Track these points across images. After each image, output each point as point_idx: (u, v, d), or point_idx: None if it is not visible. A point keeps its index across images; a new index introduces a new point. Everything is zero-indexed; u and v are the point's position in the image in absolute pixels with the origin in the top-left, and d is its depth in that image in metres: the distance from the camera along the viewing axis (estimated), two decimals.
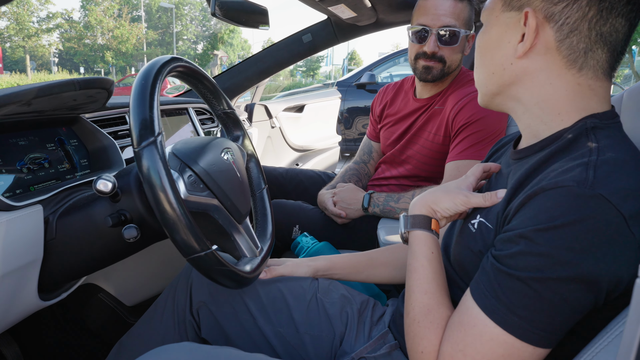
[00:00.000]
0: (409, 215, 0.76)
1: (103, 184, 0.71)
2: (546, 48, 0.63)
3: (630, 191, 0.54)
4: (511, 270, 0.56)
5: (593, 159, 0.57)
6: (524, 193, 0.59)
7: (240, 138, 1.02)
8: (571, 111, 0.65)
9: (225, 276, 0.73)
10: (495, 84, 0.70)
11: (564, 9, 0.61)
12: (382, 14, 1.74)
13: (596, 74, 0.63)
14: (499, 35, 0.68)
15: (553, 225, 0.53)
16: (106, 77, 0.92)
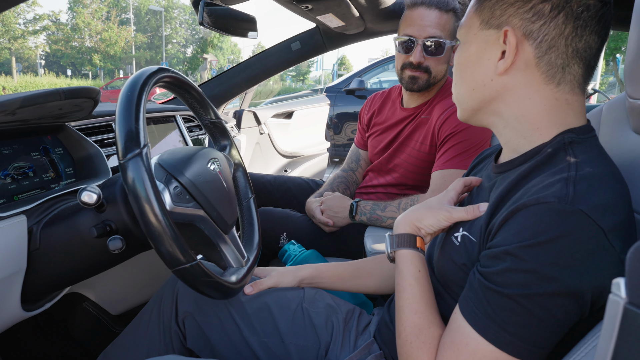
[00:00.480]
0: (393, 235, 0.77)
1: (87, 196, 0.71)
2: (526, 64, 0.65)
3: (608, 206, 0.56)
4: (499, 288, 0.57)
5: (572, 174, 0.58)
6: (506, 208, 0.61)
7: (228, 147, 1.02)
8: (550, 125, 0.66)
9: (211, 287, 0.73)
10: (476, 100, 0.71)
11: (541, 27, 0.63)
12: (369, 24, 1.76)
13: (572, 89, 0.65)
14: (478, 52, 0.69)
15: (537, 242, 0.54)
16: (92, 86, 0.92)
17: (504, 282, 0.57)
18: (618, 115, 0.86)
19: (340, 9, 1.47)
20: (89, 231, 0.77)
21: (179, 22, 50.85)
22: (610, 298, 0.39)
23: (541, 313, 0.55)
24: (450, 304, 0.73)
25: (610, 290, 0.39)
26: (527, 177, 0.64)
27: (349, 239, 1.47)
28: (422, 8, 1.35)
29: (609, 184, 0.59)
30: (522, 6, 0.64)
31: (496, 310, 0.57)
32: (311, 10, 1.45)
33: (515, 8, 0.64)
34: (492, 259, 0.59)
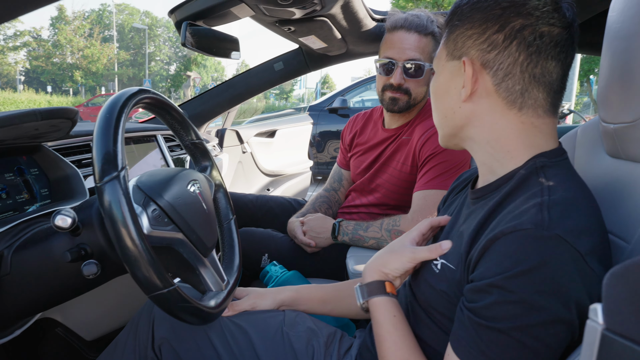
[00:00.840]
0: (363, 285, 0.78)
1: (62, 219, 0.69)
2: (486, 92, 0.68)
3: (583, 229, 0.57)
4: (490, 323, 0.57)
5: (545, 199, 0.59)
6: (484, 236, 0.61)
7: (209, 168, 1.01)
8: (520, 149, 0.68)
9: (189, 313, 0.71)
10: (449, 126, 0.74)
11: (496, 56, 0.66)
12: (351, 45, 1.79)
13: (536, 112, 0.67)
14: (446, 81, 0.72)
15: (520, 271, 0.55)
16: (70, 107, 0.91)
17: (493, 317, 0.56)
18: (592, 138, 0.88)
19: (323, 31, 1.49)
20: (62, 255, 0.74)
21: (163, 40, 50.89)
22: (588, 324, 0.39)
23: (535, 344, 0.55)
24: (432, 329, 0.72)
25: (588, 317, 0.39)
26: (503, 204, 0.65)
27: (331, 260, 1.46)
28: (402, 31, 1.38)
29: (582, 207, 0.60)
30: (478, 38, 0.67)
31: (490, 346, 0.57)
32: (294, 32, 1.47)
33: (473, 40, 0.67)
34: (477, 293, 0.59)
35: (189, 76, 30.29)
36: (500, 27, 0.65)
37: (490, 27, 0.66)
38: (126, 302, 1.30)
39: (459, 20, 0.70)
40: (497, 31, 0.65)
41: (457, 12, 0.70)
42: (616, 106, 0.72)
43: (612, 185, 0.76)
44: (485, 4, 0.67)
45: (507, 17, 0.65)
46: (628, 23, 0.68)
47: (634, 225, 0.66)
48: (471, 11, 0.68)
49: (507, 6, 0.65)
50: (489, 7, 0.66)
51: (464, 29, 0.69)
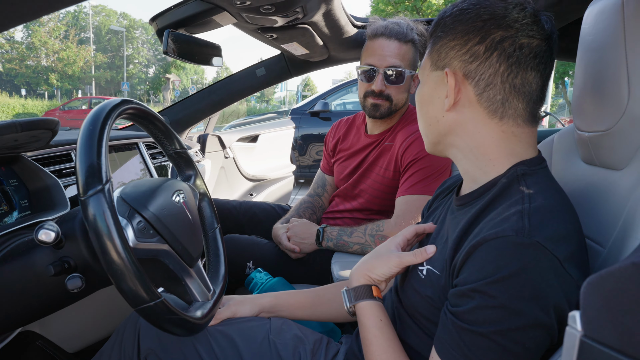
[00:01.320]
0: (350, 289, 0.79)
1: (45, 234, 0.68)
2: (469, 101, 0.69)
3: (561, 236, 0.59)
4: (472, 327, 0.58)
5: (526, 206, 0.61)
6: (467, 242, 0.63)
7: (192, 177, 1.01)
8: (501, 157, 0.70)
9: (175, 325, 0.71)
10: (433, 134, 0.76)
11: (478, 67, 0.68)
12: (333, 51, 1.80)
13: (516, 122, 0.69)
14: (430, 91, 0.74)
15: (501, 277, 0.56)
16: (51, 117, 0.90)
17: (476, 320, 0.58)
18: (568, 145, 0.91)
19: (305, 38, 1.50)
20: (45, 269, 0.73)
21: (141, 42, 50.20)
22: (567, 331, 0.41)
23: (515, 348, 0.56)
24: (418, 334, 0.74)
25: (567, 324, 0.41)
26: (485, 211, 0.67)
27: (315, 265, 1.47)
28: (382, 39, 1.40)
29: (560, 214, 0.62)
30: (461, 49, 0.69)
31: (472, 349, 0.58)
32: (276, 39, 1.48)
33: (455, 51, 0.69)
34: (460, 298, 0.61)
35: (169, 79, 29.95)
36: (481, 39, 0.67)
37: (472, 39, 0.68)
38: (108, 314, 1.28)
39: (442, 32, 0.71)
40: (478, 42, 0.67)
41: (440, 24, 0.72)
42: (590, 115, 0.75)
43: (588, 191, 0.78)
44: (467, 16, 0.69)
45: (487, 29, 0.67)
46: (600, 35, 0.71)
47: (609, 230, 0.69)
48: (453, 23, 0.70)
49: (487, 18, 0.67)
50: (470, 19, 0.68)
51: (446, 40, 0.71)
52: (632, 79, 0.66)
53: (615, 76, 0.68)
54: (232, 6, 1.09)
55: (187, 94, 39.22)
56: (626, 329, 0.36)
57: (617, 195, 0.70)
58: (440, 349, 0.63)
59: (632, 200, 0.65)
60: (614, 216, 0.69)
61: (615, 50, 0.67)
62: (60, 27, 40.32)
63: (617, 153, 0.71)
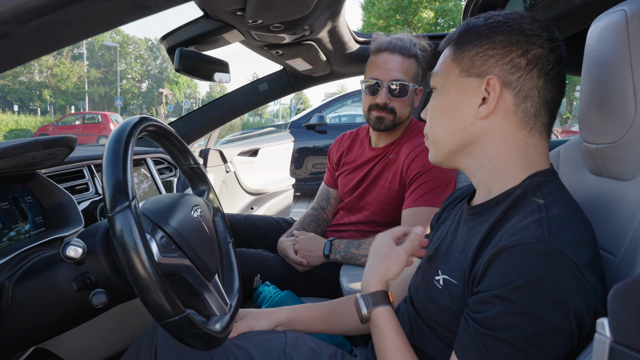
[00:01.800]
0: (367, 295, 0.80)
1: (74, 250, 0.69)
2: (504, 111, 0.71)
3: (579, 243, 0.61)
4: (495, 333, 0.60)
5: (544, 215, 0.63)
6: (488, 251, 0.64)
7: (206, 192, 1.02)
8: (520, 168, 0.72)
9: (198, 339, 0.72)
10: (455, 142, 0.75)
11: (519, 78, 0.70)
12: (335, 67, 1.83)
13: (541, 134, 0.72)
14: (458, 98, 0.74)
15: (524, 283, 0.58)
16: (70, 135, 0.91)
17: (498, 326, 0.60)
18: (574, 157, 0.93)
19: (309, 54, 1.53)
20: (68, 285, 0.74)
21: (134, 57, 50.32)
22: (596, 337, 0.42)
23: (537, 353, 0.58)
24: (436, 344, 0.75)
25: (596, 330, 0.42)
26: (502, 220, 0.69)
27: (323, 278, 1.48)
28: (386, 53, 1.43)
29: (577, 223, 0.65)
30: (502, 58, 0.70)
31: (495, 355, 0.60)
32: (281, 55, 1.50)
33: (495, 60, 0.70)
34: (482, 304, 0.62)
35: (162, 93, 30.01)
36: (524, 52, 0.69)
37: (514, 51, 0.69)
38: (120, 331, 1.28)
39: (477, 40, 0.72)
40: (521, 55, 0.69)
41: (473, 31, 0.73)
42: (597, 128, 0.77)
43: (597, 202, 0.81)
44: (508, 28, 0.70)
45: (530, 44, 0.69)
46: (605, 51, 0.74)
47: (620, 239, 0.71)
48: (492, 33, 0.71)
49: (530, 34, 0.70)
50: (512, 32, 0.70)
51: (483, 48, 0.71)
52: (638, 93, 0.68)
53: (621, 90, 0.70)
54: (242, 24, 1.11)
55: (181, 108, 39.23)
56: None
57: (627, 205, 0.72)
58: (462, 355, 0.64)
59: None
60: (625, 226, 0.71)
61: (621, 64, 0.70)
62: None
63: (625, 164, 0.74)
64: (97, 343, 1.23)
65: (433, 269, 0.80)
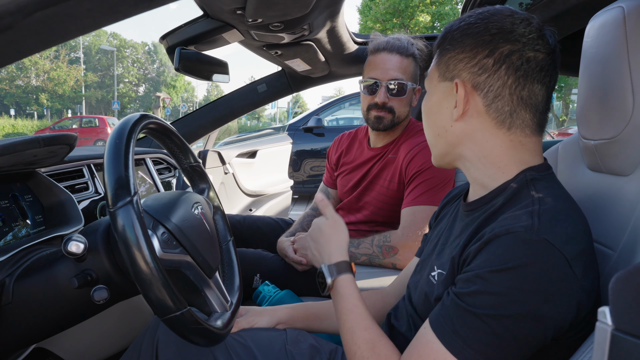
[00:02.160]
0: (332, 265, 0.84)
1: (75, 246, 0.69)
2: (477, 112, 0.72)
3: (570, 236, 0.62)
4: (470, 307, 0.61)
5: (536, 207, 0.64)
6: (478, 239, 0.66)
7: (206, 190, 1.02)
8: (510, 164, 0.73)
9: (200, 335, 0.72)
10: (442, 144, 0.78)
11: (487, 79, 0.70)
12: (334, 67, 1.84)
13: (524, 132, 0.72)
14: (438, 101, 0.77)
15: (506, 267, 0.59)
16: (70, 133, 0.91)
17: (474, 303, 0.61)
18: (573, 154, 0.94)
19: (308, 54, 1.54)
20: (69, 282, 0.74)
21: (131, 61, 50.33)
22: (597, 326, 0.43)
23: (505, 334, 0.59)
24: None
25: (597, 319, 0.43)
26: (497, 213, 0.70)
27: None
28: (384, 53, 1.44)
29: (570, 216, 0.65)
30: (470, 61, 0.71)
31: (464, 327, 0.61)
32: (280, 55, 1.51)
33: (464, 63, 0.72)
34: (465, 282, 0.64)
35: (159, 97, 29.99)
36: (490, 52, 0.70)
37: (481, 52, 0.71)
38: (120, 330, 1.27)
39: (450, 45, 0.74)
40: (487, 56, 0.70)
41: (448, 37, 0.75)
42: (595, 124, 0.78)
43: (595, 197, 0.81)
44: (475, 30, 0.72)
45: (496, 42, 0.70)
46: (603, 48, 0.75)
47: (619, 234, 0.71)
48: (462, 36, 0.73)
49: (495, 33, 0.70)
50: (479, 33, 0.71)
51: (455, 52, 0.73)
52: (636, 89, 0.69)
53: (619, 86, 0.71)
54: (242, 24, 1.12)
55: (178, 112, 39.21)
56: None
57: (625, 200, 0.73)
58: (434, 322, 0.66)
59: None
60: (623, 220, 0.71)
61: (619, 61, 0.71)
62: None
63: (623, 159, 0.74)
64: (97, 343, 1.23)
65: (429, 266, 0.81)
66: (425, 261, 0.87)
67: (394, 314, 0.90)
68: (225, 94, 2.10)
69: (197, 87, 54.19)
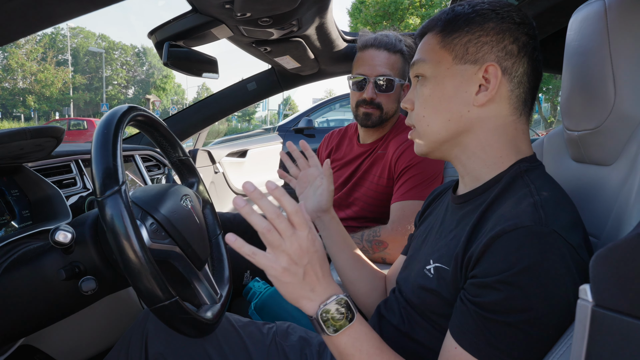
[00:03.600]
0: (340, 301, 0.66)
1: (63, 235, 0.69)
2: (501, 97, 0.72)
3: (572, 224, 0.63)
4: (500, 317, 0.59)
5: (537, 198, 0.64)
6: (483, 235, 0.64)
7: (195, 184, 1.02)
8: (510, 154, 0.73)
9: (188, 325, 0.72)
10: (450, 131, 0.74)
11: (513, 64, 0.71)
12: (323, 65, 1.85)
13: (527, 120, 0.75)
14: (454, 85, 0.73)
15: (526, 266, 0.58)
16: (58, 126, 0.90)
17: (503, 311, 0.59)
18: (558, 146, 0.96)
19: (297, 51, 1.54)
20: (56, 274, 0.73)
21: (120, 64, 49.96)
22: (579, 303, 0.44)
23: (541, 334, 0.58)
24: (428, 330, 0.75)
25: (579, 297, 0.44)
26: (494, 205, 0.69)
27: None
28: (372, 49, 1.45)
29: (566, 205, 0.66)
30: (496, 45, 0.71)
31: (498, 337, 0.59)
32: (270, 52, 1.51)
33: (490, 46, 0.71)
34: (484, 289, 0.61)
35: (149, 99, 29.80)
36: (515, 40, 0.71)
37: (507, 38, 0.71)
38: (107, 327, 1.26)
39: (467, 26, 0.72)
40: (513, 42, 0.71)
41: (461, 18, 0.73)
42: (579, 115, 0.79)
43: (580, 187, 0.83)
44: (498, 16, 0.72)
45: (520, 31, 0.71)
46: (586, 40, 0.76)
47: (602, 222, 0.73)
48: (482, 20, 0.72)
49: (519, 22, 0.71)
50: (503, 19, 0.71)
51: (476, 35, 0.71)
52: (617, 79, 0.71)
53: (601, 77, 0.72)
54: (230, 19, 1.12)
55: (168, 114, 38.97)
56: (636, 293, 0.39)
57: (608, 189, 0.74)
58: (462, 339, 0.63)
59: (622, 193, 0.69)
60: (606, 209, 0.73)
61: (601, 53, 0.72)
62: (38, 49, 39.88)
63: (606, 149, 0.76)
64: (85, 339, 1.22)
65: (422, 260, 0.79)
66: (414, 256, 0.86)
67: (383, 306, 0.90)
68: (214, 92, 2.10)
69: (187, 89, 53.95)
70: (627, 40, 0.70)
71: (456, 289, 0.69)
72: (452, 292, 0.69)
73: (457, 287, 0.68)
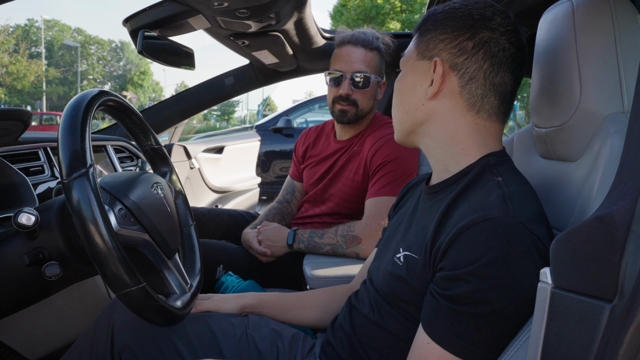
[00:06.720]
0: None
1: (26, 217, 0.67)
2: (451, 92, 0.74)
3: (537, 217, 0.64)
4: (469, 309, 0.60)
5: (505, 190, 0.66)
6: (450, 227, 0.65)
7: (168, 174, 1.01)
8: (473, 147, 0.75)
9: (156, 312, 0.71)
10: (409, 122, 0.79)
11: (464, 61, 0.73)
12: (302, 62, 1.85)
13: (490, 117, 0.75)
14: (413, 80, 0.78)
15: (494, 258, 0.59)
16: (25, 109, 0.88)
17: (471, 302, 0.60)
18: (527, 143, 0.98)
19: (276, 46, 1.54)
20: (20, 259, 0.71)
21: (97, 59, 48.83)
22: (539, 286, 0.45)
23: (509, 325, 0.60)
24: (397, 318, 0.76)
25: (540, 279, 0.45)
26: (461, 196, 0.71)
27: (286, 269, 1.48)
28: (349, 46, 1.46)
29: (532, 198, 0.68)
30: (450, 42, 0.74)
31: (467, 329, 0.61)
32: (248, 46, 1.51)
33: (444, 43, 0.74)
34: (453, 281, 0.62)
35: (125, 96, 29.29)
36: (471, 36, 0.73)
37: (462, 35, 0.73)
38: (72, 319, 1.23)
39: (433, 26, 0.76)
40: (468, 39, 0.73)
41: (431, 19, 0.77)
42: (547, 112, 0.82)
43: (546, 183, 0.85)
44: (459, 14, 0.74)
45: (477, 27, 0.73)
46: (553, 40, 0.79)
47: (567, 216, 0.75)
48: (445, 19, 0.75)
49: (478, 18, 0.73)
50: (462, 17, 0.74)
51: (436, 33, 0.76)
52: (583, 78, 0.73)
53: (568, 75, 0.75)
54: (207, 9, 1.11)
55: None
56: (593, 274, 0.40)
57: (573, 184, 0.77)
58: (433, 332, 0.64)
59: (586, 187, 0.72)
60: (571, 203, 0.75)
61: (568, 52, 0.75)
62: (10, 40, 38.63)
63: (571, 145, 0.78)
64: (47, 332, 1.19)
65: (393, 248, 0.81)
66: (385, 245, 0.88)
67: (354, 297, 0.91)
68: None
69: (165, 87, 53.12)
70: (593, 40, 0.72)
71: (425, 279, 0.70)
72: (421, 281, 0.71)
73: (426, 276, 0.70)
